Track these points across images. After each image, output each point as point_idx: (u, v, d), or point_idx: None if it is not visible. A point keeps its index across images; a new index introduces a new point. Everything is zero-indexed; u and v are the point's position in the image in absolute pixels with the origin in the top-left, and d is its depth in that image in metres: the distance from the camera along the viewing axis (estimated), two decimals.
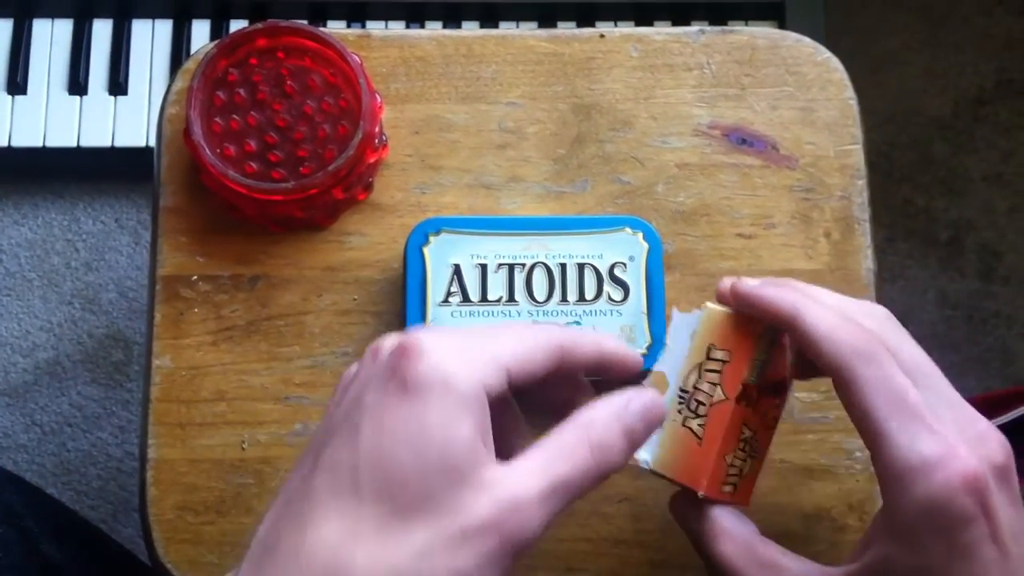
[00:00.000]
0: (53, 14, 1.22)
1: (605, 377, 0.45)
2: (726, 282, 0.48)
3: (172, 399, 0.56)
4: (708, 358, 0.47)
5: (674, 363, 0.48)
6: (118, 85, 1.20)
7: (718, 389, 0.46)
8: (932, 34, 1.37)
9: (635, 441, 0.43)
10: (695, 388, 0.47)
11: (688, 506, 0.47)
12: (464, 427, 0.38)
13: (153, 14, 1.21)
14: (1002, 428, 0.46)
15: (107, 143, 1.19)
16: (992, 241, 1.29)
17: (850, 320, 0.43)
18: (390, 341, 0.40)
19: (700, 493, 0.46)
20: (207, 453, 0.56)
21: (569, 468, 0.40)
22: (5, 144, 1.19)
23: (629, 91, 0.61)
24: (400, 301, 0.55)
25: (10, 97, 1.20)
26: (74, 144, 1.19)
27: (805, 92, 0.61)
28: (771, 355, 0.47)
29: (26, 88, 1.20)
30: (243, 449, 0.56)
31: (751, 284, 0.46)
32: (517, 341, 0.42)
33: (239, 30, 0.57)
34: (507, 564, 0.38)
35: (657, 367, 0.48)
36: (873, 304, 0.46)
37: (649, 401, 0.43)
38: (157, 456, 0.56)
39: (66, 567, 0.66)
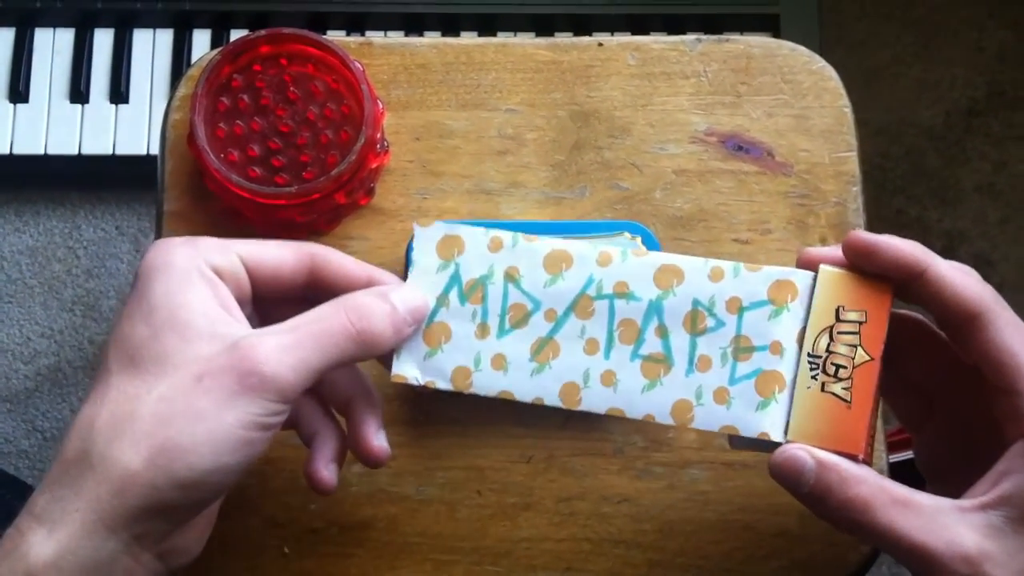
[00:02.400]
0: (55, 23, 1.23)
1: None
2: (812, 251, 0.48)
3: None
4: (839, 320, 0.46)
5: (424, 280, 0.48)
6: (119, 94, 1.20)
7: (859, 350, 0.46)
8: (924, 47, 1.38)
9: (397, 324, 0.46)
10: (829, 351, 0.46)
11: (797, 463, 0.45)
12: (190, 295, 0.43)
13: (154, 24, 1.22)
14: None
15: (108, 151, 1.20)
16: (985, 251, 1.30)
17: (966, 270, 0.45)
18: None
19: (860, 457, 0.45)
20: None
21: (320, 326, 0.43)
22: (7, 152, 1.20)
23: (627, 98, 0.62)
24: None
25: (12, 105, 1.21)
26: (75, 152, 1.20)
27: (800, 100, 0.62)
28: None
29: (28, 96, 1.21)
30: None
31: (869, 236, 0.46)
32: (259, 242, 0.46)
33: (243, 37, 0.58)
34: (254, 405, 0.41)
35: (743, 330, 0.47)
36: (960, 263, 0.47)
37: (410, 294, 0.47)
38: None
39: None
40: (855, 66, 1.36)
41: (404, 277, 0.55)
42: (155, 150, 1.19)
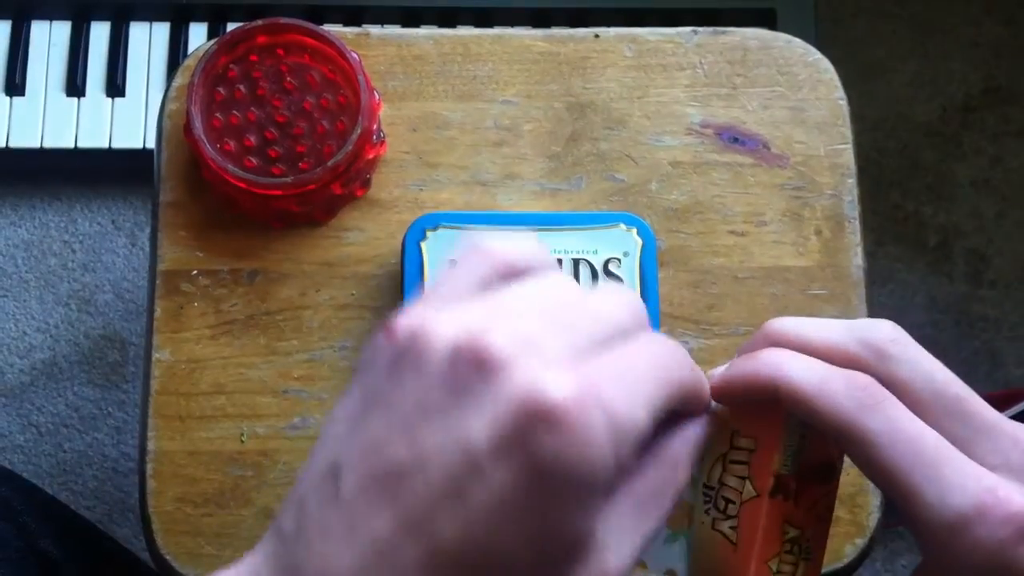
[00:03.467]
0: (51, 16, 1.22)
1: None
2: (720, 376, 0.39)
3: (172, 392, 0.57)
4: (732, 447, 0.39)
5: None
6: (116, 87, 1.20)
7: (747, 483, 0.38)
8: (920, 42, 1.38)
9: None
10: (721, 483, 0.39)
11: None
12: (591, 519, 0.31)
13: (151, 17, 1.22)
14: None
15: (104, 145, 1.19)
16: (980, 246, 1.30)
17: (838, 370, 0.36)
18: (519, 381, 0.29)
19: None
20: (206, 446, 0.56)
21: (657, 518, 0.34)
22: (3, 145, 1.19)
23: (623, 90, 0.62)
24: (398, 296, 0.56)
25: (8, 98, 1.20)
26: (71, 145, 1.19)
27: (796, 92, 0.62)
28: (807, 437, 0.38)
29: (24, 89, 1.21)
30: (242, 442, 0.57)
31: (718, 372, 0.38)
32: (660, 386, 0.32)
33: (240, 27, 0.58)
34: None
35: None
36: (877, 323, 0.38)
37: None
38: (157, 448, 0.56)
39: (64, 563, 0.66)
40: (851, 61, 1.36)
41: (400, 271, 0.55)
42: (151, 143, 1.18)
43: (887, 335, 0.37)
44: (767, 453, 0.38)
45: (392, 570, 0.29)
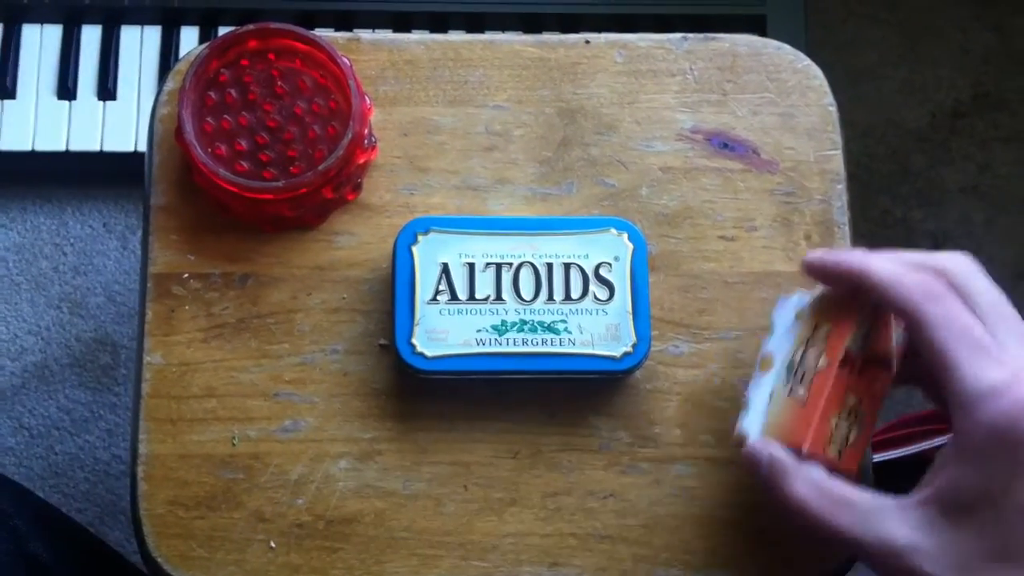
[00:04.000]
0: (42, 19, 1.22)
1: None
2: (814, 255, 0.52)
3: (163, 395, 0.57)
4: (814, 333, 0.51)
5: (779, 343, 0.52)
6: (107, 90, 1.20)
7: (822, 357, 0.50)
8: (910, 49, 1.39)
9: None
10: (802, 360, 0.51)
11: (754, 457, 0.49)
12: None
13: (142, 20, 1.22)
14: None
15: (96, 148, 1.19)
16: (969, 252, 1.30)
17: (915, 270, 0.47)
18: None
19: (804, 449, 0.48)
20: (198, 449, 0.56)
21: None
22: None
23: (614, 96, 0.62)
24: (389, 300, 0.56)
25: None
26: (63, 148, 1.19)
27: (786, 98, 0.62)
28: (875, 326, 0.51)
29: (15, 92, 1.20)
30: (233, 445, 0.57)
31: (818, 252, 0.51)
32: None
33: (231, 31, 0.58)
34: None
35: (766, 348, 0.53)
36: (954, 253, 0.49)
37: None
38: (148, 451, 0.56)
39: (55, 566, 0.66)
40: (841, 67, 1.37)
41: (391, 275, 0.55)
42: (143, 147, 1.18)
43: (963, 258, 0.48)
44: (841, 334, 0.50)
45: None
